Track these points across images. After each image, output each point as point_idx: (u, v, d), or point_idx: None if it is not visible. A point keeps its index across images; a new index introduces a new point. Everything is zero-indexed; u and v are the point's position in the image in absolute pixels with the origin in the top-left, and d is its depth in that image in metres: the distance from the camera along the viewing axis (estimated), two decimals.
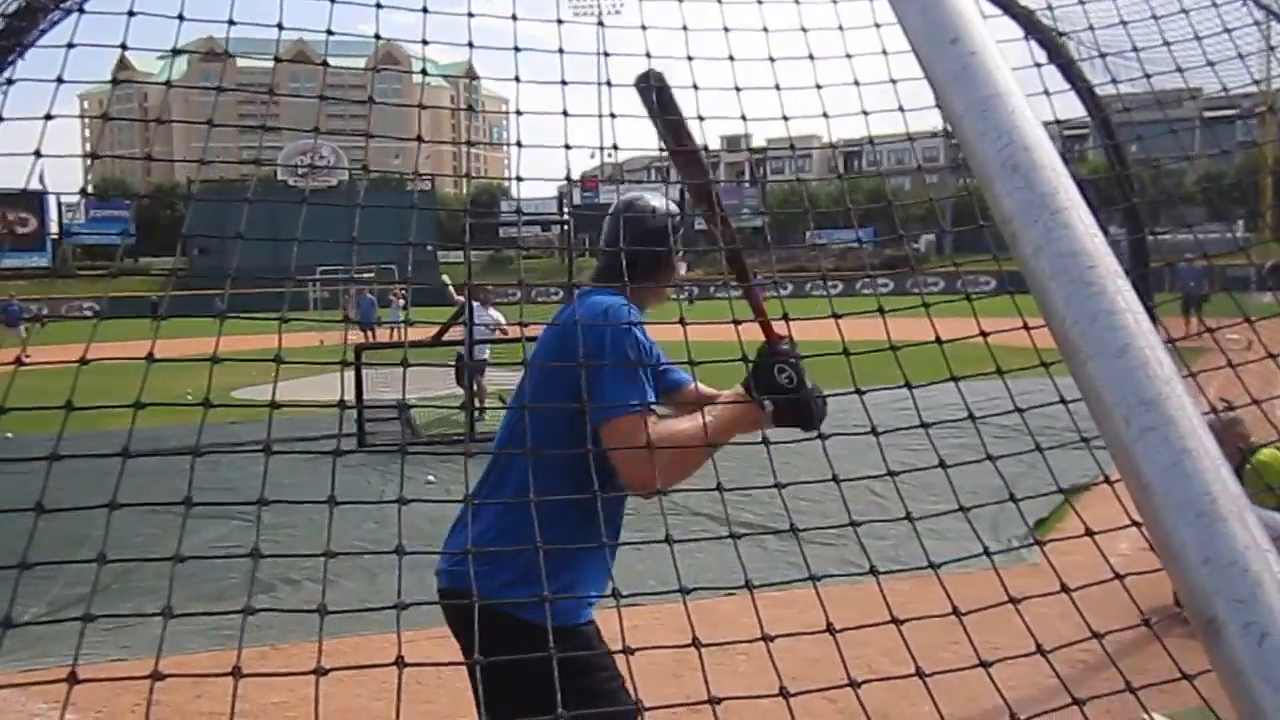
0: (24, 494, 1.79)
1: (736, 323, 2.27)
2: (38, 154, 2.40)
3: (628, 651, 1.74)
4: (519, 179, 2.90)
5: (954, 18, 1.03)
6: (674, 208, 2.85)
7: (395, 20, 2.73)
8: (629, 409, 2.34)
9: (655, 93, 2.60)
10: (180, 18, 2.51)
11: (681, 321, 2.13)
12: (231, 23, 2.58)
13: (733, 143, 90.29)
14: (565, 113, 2.67)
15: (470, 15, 2.81)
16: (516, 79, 2.73)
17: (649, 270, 2.65)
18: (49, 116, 2.39)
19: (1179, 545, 0.80)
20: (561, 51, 2.70)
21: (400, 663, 1.65)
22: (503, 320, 14.34)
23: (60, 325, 37.21)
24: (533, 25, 2.70)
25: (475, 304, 12.28)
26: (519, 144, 2.79)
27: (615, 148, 2.85)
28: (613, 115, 2.64)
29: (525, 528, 1.99)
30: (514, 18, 2.76)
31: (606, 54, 2.77)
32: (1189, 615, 0.80)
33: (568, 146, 2.69)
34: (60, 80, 2.39)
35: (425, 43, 2.74)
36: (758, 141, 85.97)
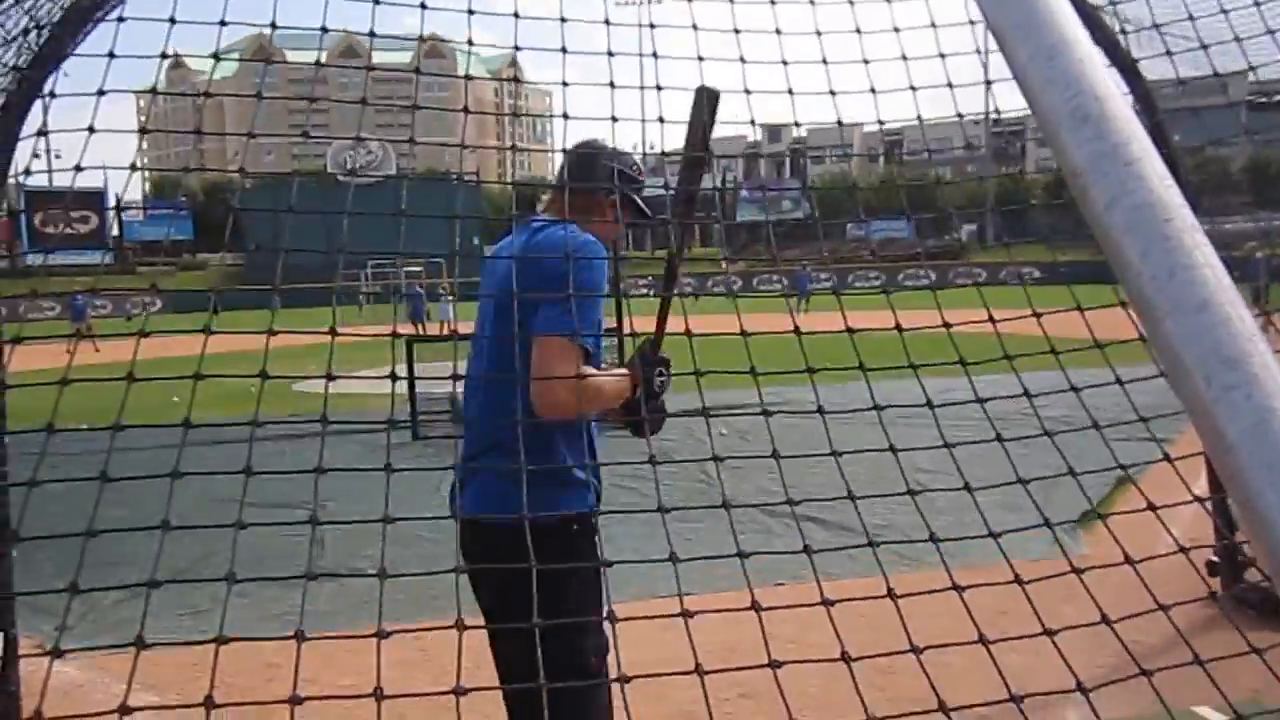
0: (95, 485, 1.85)
1: (745, 333, 2.32)
2: (91, 130, 2.47)
3: (686, 614, 1.76)
4: (567, 186, 2.93)
5: None
6: (631, 154, 2.91)
7: (439, 17, 2.78)
8: (567, 331, 2.41)
9: (710, 107, 2.69)
10: (222, 23, 2.57)
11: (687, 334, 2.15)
12: (274, 26, 2.63)
13: (774, 133, 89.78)
14: (614, 118, 2.70)
15: (516, 16, 2.84)
16: (564, 83, 2.76)
17: (591, 205, 2.74)
18: (101, 92, 2.46)
19: (1265, 507, 0.75)
20: (610, 55, 2.73)
21: (460, 625, 1.69)
22: None
23: (125, 321, 37.89)
24: (576, 24, 2.73)
25: None
26: (563, 150, 2.83)
27: (663, 152, 2.88)
28: (661, 120, 2.67)
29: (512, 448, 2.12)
30: (562, 19, 2.78)
31: (656, 55, 2.80)
32: (1273, 578, 0.77)
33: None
34: (112, 55, 2.46)
35: (470, 44, 2.77)
36: (798, 132, 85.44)
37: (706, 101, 2.69)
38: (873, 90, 3.08)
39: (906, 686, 1.92)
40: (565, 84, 2.76)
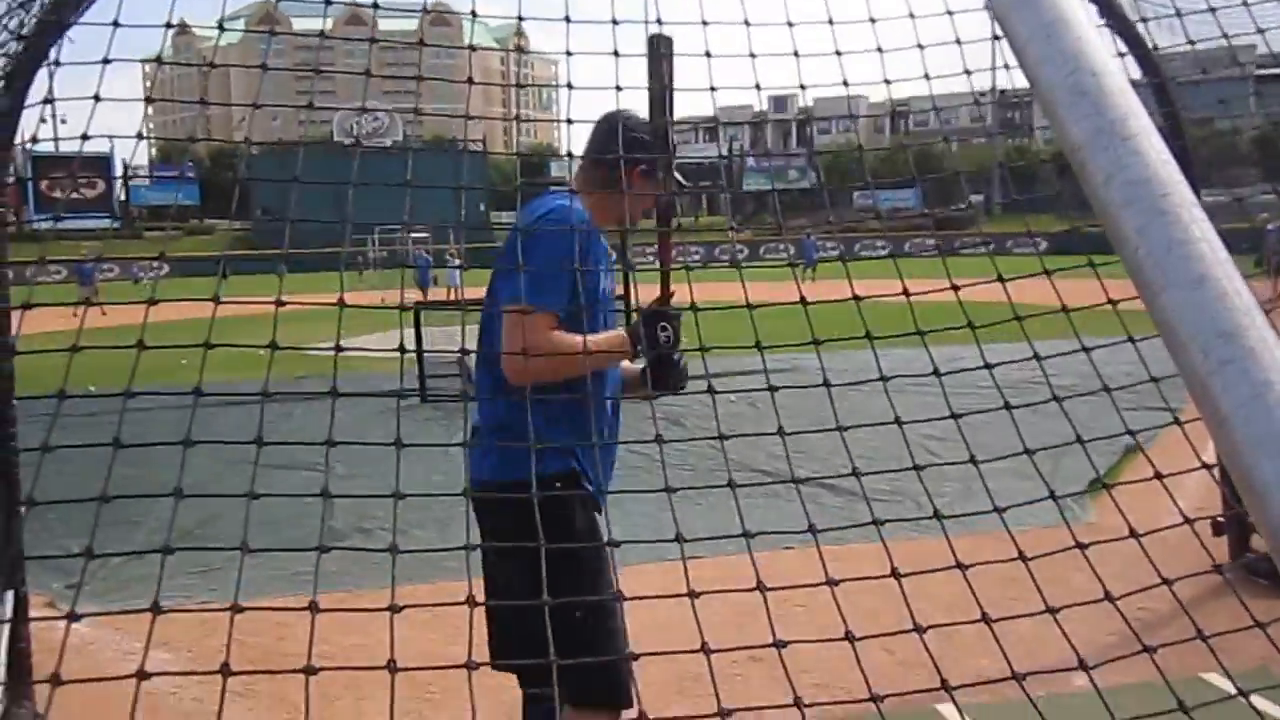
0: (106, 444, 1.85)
1: (751, 308, 2.31)
2: (96, 98, 2.45)
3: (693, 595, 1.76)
4: (570, 155, 2.91)
5: None
6: (638, 117, 2.86)
7: None
8: (533, 302, 2.43)
9: (665, 49, 2.67)
10: None
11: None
12: None
13: (779, 103, 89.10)
14: (617, 87, 2.67)
15: None
16: (567, 52, 2.73)
17: (612, 178, 2.69)
18: (106, 61, 2.44)
19: (1260, 481, 0.76)
20: (615, 23, 2.69)
21: (470, 602, 1.70)
22: None
23: (133, 285, 37.91)
24: None
25: None
26: (569, 120, 2.79)
27: (671, 114, 2.85)
28: (672, 89, 2.65)
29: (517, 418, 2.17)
30: None
31: (660, 21, 2.76)
32: (1272, 552, 0.77)
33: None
34: (116, 24, 2.44)
35: (474, 15, 2.74)
36: (805, 102, 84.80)
37: (662, 49, 2.67)
38: (880, 50, 3.03)
39: (916, 650, 1.92)
40: (569, 53, 2.73)
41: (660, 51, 2.67)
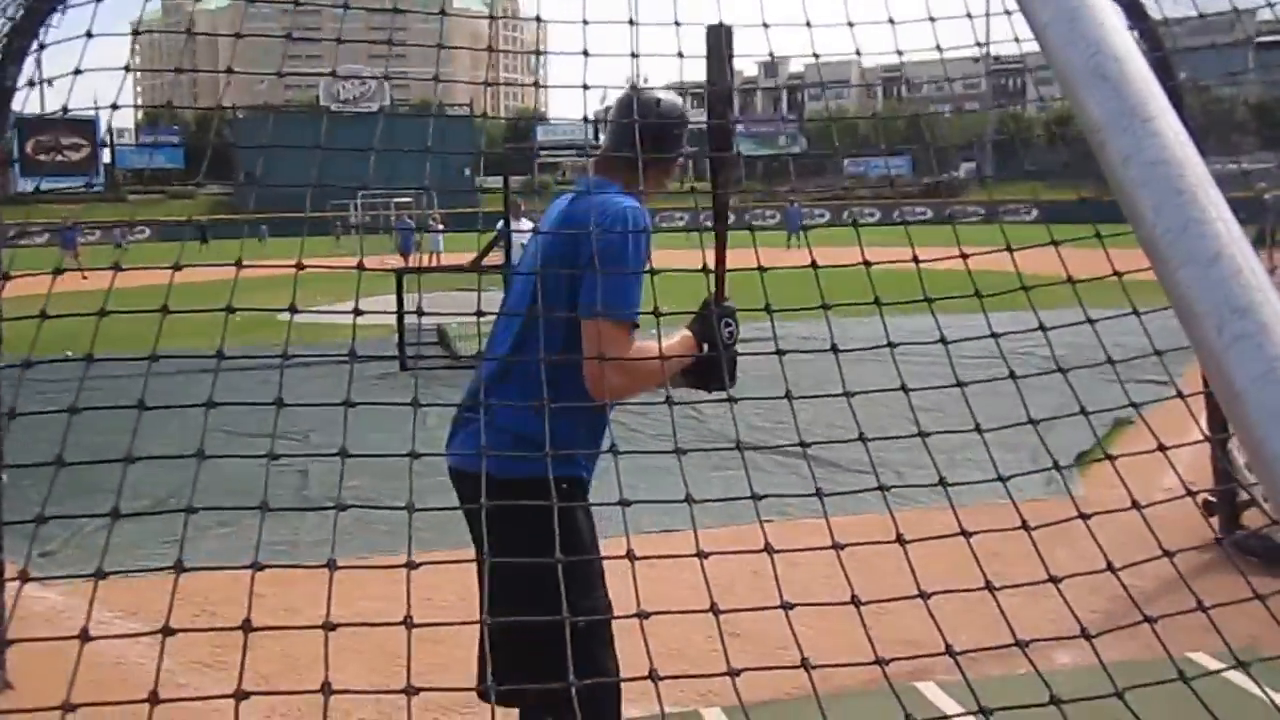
0: (86, 413, 1.81)
1: (761, 268, 2.28)
2: (78, 71, 2.40)
3: (703, 556, 1.73)
4: (542, 119, 2.85)
5: None
6: (679, 101, 2.81)
7: None
8: (620, 315, 2.37)
9: (726, 42, 2.62)
10: None
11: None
12: None
13: (769, 69, 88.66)
14: (585, 52, 2.60)
15: None
16: (538, 19, 2.65)
17: (650, 163, 2.61)
18: (89, 34, 2.39)
19: (1272, 453, 0.78)
20: None
21: (410, 565, 1.67)
22: (528, 226, 14.56)
23: (114, 249, 37.71)
24: None
25: (511, 220, 12.20)
26: (538, 84, 2.74)
27: (645, 80, 2.78)
28: (634, 54, 2.59)
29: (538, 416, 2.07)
30: None
31: None
32: None
33: (586, 87, 2.64)
34: None
35: None
36: (795, 68, 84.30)
37: (724, 38, 2.62)
38: (891, 21, 2.98)
39: (899, 627, 1.90)
40: (539, 19, 2.67)
41: (722, 46, 2.61)
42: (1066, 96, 0.97)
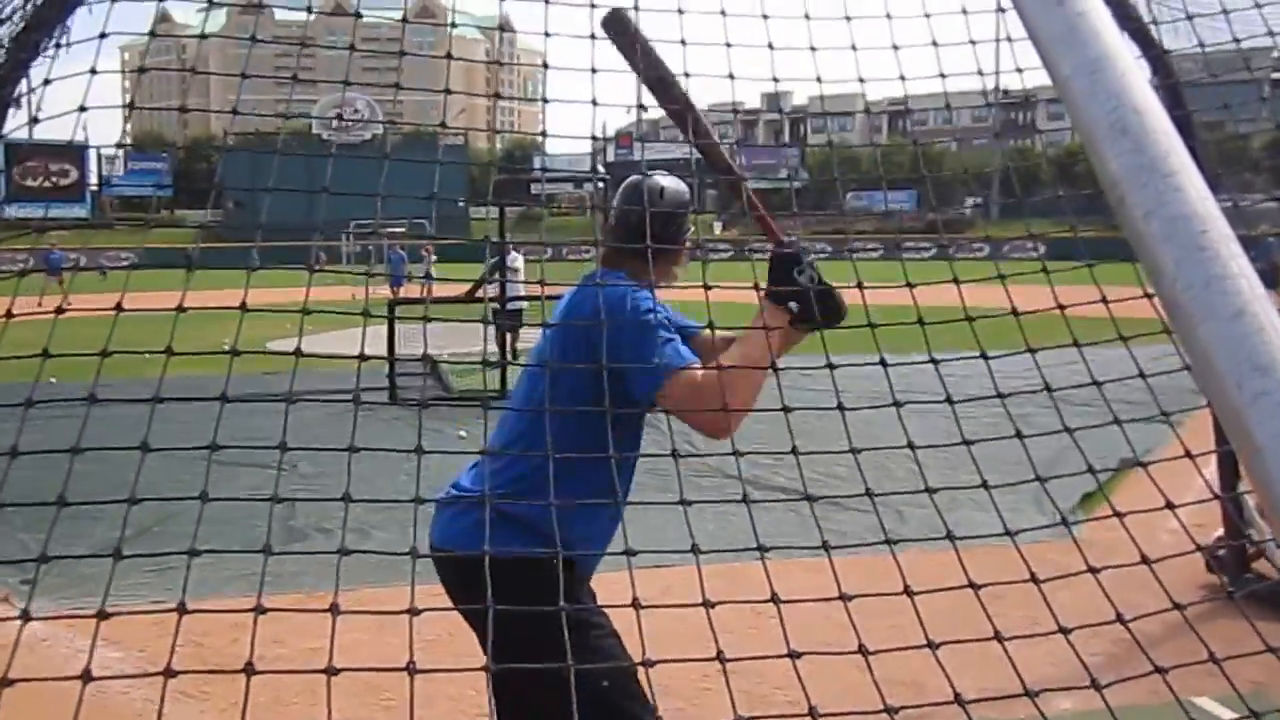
0: (66, 439, 1.82)
1: (757, 287, 2.29)
2: (82, 108, 2.40)
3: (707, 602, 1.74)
4: (544, 134, 2.89)
5: None
6: (684, 189, 2.82)
7: None
8: (680, 364, 2.39)
9: (623, 37, 2.56)
10: None
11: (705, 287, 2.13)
12: None
13: (771, 101, 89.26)
14: (592, 69, 2.63)
15: None
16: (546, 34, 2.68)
17: (656, 252, 2.63)
18: (94, 71, 2.39)
19: None
20: (593, 6, 2.65)
21: (412, 611, 1.68)
22: (521, 263, 14.80)
23: (100, 278, 37.70)
24: None
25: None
26: (544, 99, 2.75)
27: (643, 107, 2.81)
28: (691, 77, 2.62)
29: (542, 486, 2.02)
30: None
31: (637, 8, 2.71)
32: None
33: (594, 103, 2.67)
34: (104, 35, 2.40)
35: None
36: (798, 100, 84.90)
37: (618, 25, 2.58)
38: (902, 76, 3.01)
39: (900, 667, 1.90)
40: (547, 34, 2.69)
41: (626, 32, 2.57)
42: (1088, 152, 0.97)
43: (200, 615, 1.66)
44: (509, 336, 13.92)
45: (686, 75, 2.65)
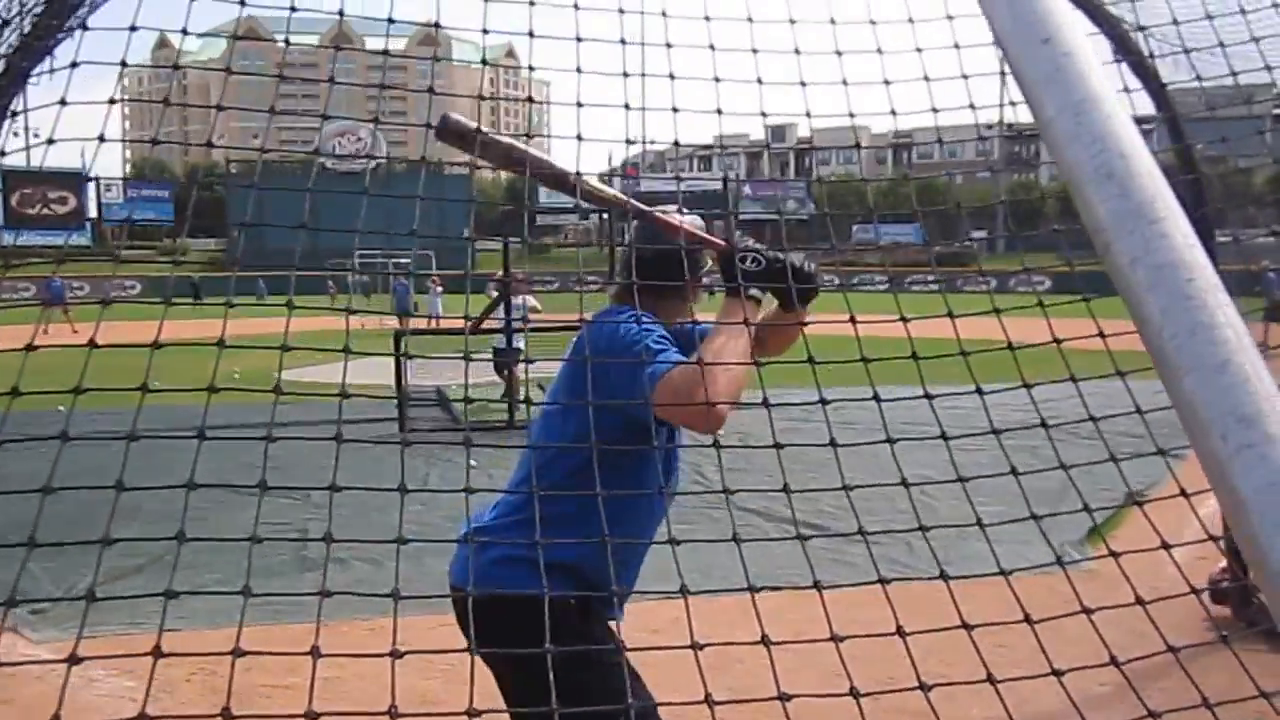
0: (78, 467, 1.86)
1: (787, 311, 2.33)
2: (101, 138, 2.41)
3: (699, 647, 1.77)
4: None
5: (1046, 16, 1.01)
6: (700, 224, 2.85)
7: (437, 3, 2.73)
8: (663, 369, 2.39)
9: (456, 138, 2.57)
10: (242, 2, 2.53)
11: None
12: (292, 8, 2.60)
13: (777, 133, 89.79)
14: (578, 103, 2.69)
15: (532, 2, 2.80)
16: (578, 70, 2.74)
17: (666, 289, 2.68)
18: (112, 101, 2.42)
19: (1276, 565, 0.80)
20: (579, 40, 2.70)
21: (394, 654, 1.71)
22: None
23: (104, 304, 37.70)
24: (570, 12, 2.72)
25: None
26: (547, 135, 2.80)
27: (651, 141, 2.86)
28: (675, 109, 2.67)
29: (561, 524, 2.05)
30: (576, 6, 2.76)
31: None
32: None
33: (580, 138, 2.72)
34: (124, 64, 2.43)
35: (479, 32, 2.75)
36: (803, 132, 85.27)
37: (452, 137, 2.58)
38: (887, 83, 3.06)
39: (901, 698, 1.93)
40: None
41: (466, 135, 2.55)
42: (1073, 196, 0.96)
43: (207, 645, 1.69)
44: (509, 372, 13.95)
45: (675, 111, 2.69)
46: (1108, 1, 4.60)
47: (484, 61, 2.61)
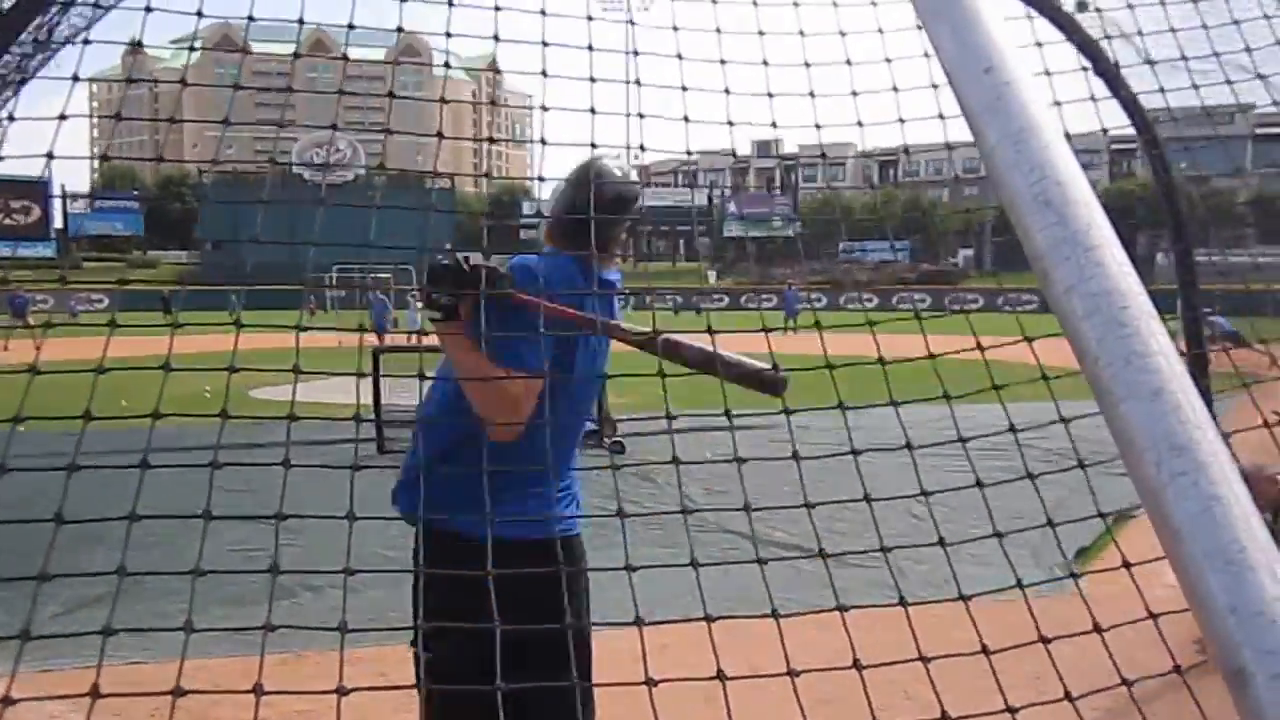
0: (41, 490, 1.84)
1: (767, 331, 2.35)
2: (50, 155, 2.31)
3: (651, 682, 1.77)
4: (540, 179, 2.94)
5: (988, 46, 1.03)
6: (631, 178, 2.99)
7: (417, 11, 2.73)
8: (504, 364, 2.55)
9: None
10: (199, 15, 2.51)
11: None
12: (251, 19, 2.58)
13: (763, 148, 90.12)
14: (593, 109, 2.69)
15: (497, 9, 2.79)
16: (544, 73, 2.73)
17: (593, 233, 2.70)
18: (63, 116, 2.32)
19: (1206, 593, 0.81)
20: (591, 49, 2.71)
21: (340, 690, 1.70)
22: None
23: (70, 317, 37.50)
24: (559, 21, 2.73)
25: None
26: (543, 141, 2.79)
27: (642, 148, 2.87)
28: (640, 115, 2.67)
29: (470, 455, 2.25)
30: (543, 13, 2.77)
31: (636, 52, 2.77)
32: (1217, 664, 0.81)
33: (593, 145, 2.73)
34: (75, 79, 2.35)
35: (448, 35, 2.74)
36: (789, 147, 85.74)
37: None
38: (860, 121, 3.07)
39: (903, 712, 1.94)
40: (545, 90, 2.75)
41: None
42: (1014, 224, 0.98)
43: (182, 680, 1.67)
44: None
45: (686, 120, 2.71)
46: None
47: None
